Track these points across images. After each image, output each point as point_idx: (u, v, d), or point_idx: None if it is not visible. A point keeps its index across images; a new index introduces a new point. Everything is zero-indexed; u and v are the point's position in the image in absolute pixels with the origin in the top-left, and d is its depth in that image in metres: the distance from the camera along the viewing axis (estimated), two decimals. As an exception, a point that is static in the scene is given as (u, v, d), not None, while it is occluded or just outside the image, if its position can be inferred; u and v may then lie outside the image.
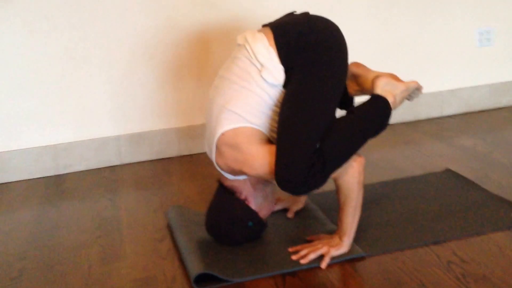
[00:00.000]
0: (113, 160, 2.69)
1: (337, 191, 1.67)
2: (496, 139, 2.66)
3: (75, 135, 2.62)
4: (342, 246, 1.69)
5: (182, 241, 1.80)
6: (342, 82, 1.67)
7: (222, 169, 1.69)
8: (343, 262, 1.67)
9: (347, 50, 1.70)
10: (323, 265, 1.65)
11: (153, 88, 2.68)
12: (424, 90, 3.04)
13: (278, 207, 2.03)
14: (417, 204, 2.01)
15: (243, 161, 1.61)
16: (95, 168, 2.65)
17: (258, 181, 1.75)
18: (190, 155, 2.76)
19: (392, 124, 3.03)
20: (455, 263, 1.61)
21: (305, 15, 1.74)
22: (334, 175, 1.61)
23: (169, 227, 1.97)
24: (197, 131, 2.75)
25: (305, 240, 1.79)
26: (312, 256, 1.67)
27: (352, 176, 1.63)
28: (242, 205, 1.72)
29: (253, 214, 1.73)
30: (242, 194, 1.74)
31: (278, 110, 1.65)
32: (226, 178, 1.74)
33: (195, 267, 1.62)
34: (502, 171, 2.26)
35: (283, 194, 1.95)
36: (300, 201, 2.03)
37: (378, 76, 1.73)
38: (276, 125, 1.64)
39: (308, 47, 1.63)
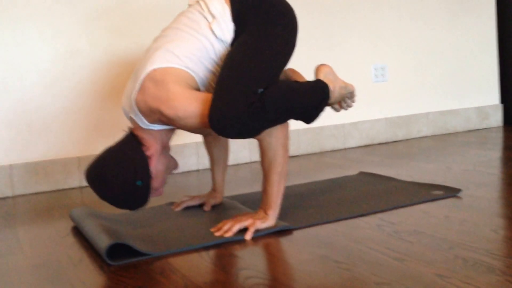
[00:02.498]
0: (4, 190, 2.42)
1: (261, 155, 1.58)
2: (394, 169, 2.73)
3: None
4: (267, 219, 1.57)
5: (89, 227, 1.59)
6: (289, 50, 1.64)
7: (139, 106, 1.53)
8: (269, 234, 1.55)
9: (297, 27, 1.69)
10: (248, 236, 1.51)
11: (52, 116, 2.50)
12: (328, 123, 3.12)
13: (195, 202, 1.89)
14: (337, 193, 1.97)
15: (163, 99, 1.48)
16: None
17: (167, 147, 1.63)
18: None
19: (298, 156, 3.03)
20: (385, 225, 1.56)
21: None
22: (259, 136, 1.53)
23: (74, 222, 1.76)
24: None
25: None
26: (237, 227, 1.54)
27: (276, 138, 1.55)
28: (144, 159, 1.55)
29: (147, 174, 1.55)
30: (149, 150, 1.57)
31: (219, 67, 1.57)
32: (138, 127, 1.59)
33: (107, 241, 1.42)
34: (410, 176, 2.30)
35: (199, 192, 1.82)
36: (218, 196, 1.91)
37: (322, 64, 1.74)
38: (214, 80, 1.57)
39: (262, 7, 1.61)
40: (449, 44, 3.46)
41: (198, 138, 2.81)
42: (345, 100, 1.83)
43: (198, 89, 1.58)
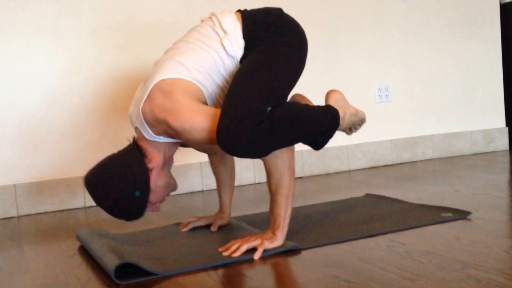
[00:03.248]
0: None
1: (268, 177, 1.57)
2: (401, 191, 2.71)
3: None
4: (275, 239, 1.55)
5: (96, 246, 1.57)
6: (299, 70, 1.64)
7: (145, 116, 1.52)
8: (278, 254, 1.53)
9: (307, 48, 1.70)
10: (257, 255, 1.50)
11: (56, 133, 2.50)
12: (332, 144, 3.11)
13: (201, 222, 1.88)
14: (345, 215, 1.95)
15: (170, 110, 1.47)
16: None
17: (169, 162, 1.63)
18: (97, 206, 2.53)
19: (303, 177, 3.02)
20: (395, 246, 1.54)
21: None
22: (265, 157, 1.52)
23: (81, 242, 1.74)
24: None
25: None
26: (245, 247, 1.52)
27: (282, 160, 1.54)
28: (145, 170, 1.55)
29: (147, 186, 1.55)
30: (151, 162, 1.57)
31: (228, 83, 1.58)
32: (143, 138, 1.58)
33: (115, 261, 1.40)
34: (418, 198, 2.28)
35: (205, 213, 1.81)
36: (225, 217, 1.89)
37: (333, 90, 1.74)
38: (222, 96, 1.58)
39: (274, 27, 1.62)
40: (454, 66, 3.47)
41: (203, 158, 2.80)
42: (355, 126, 1.83)
43: (205, 103, 1.58)
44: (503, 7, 3.63)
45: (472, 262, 1.34)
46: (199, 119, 1.46)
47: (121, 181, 1.51)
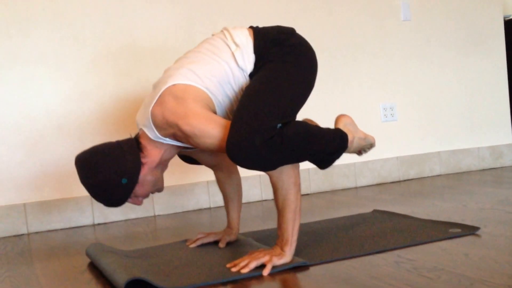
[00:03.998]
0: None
1: (274, 193, 1.58)
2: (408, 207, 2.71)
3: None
4: (284, 255, 1.56)
5: (106, 262, 1.58)
6: (308, 88, 1.66)
7: (154, 118, 1.54)
8: (287, 270, 1.53)
9: (317, 67, 1.72)
10: (266, 272, 1.50)
11: (62, 156, 2.52)
12: (339, 162, 3.10)
13: (209, 239, 1.89)
14: (353, 230, 1.95)
15: (181, 115, 1.49)
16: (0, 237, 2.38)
17: (164, 164, 1.65)
18: (105, 223, 2.55)
19: (309, 194, 3.03)
20: (403, 262, 1.54)
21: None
22: (271, 172, 1.53)
23: (90, 259, 1.75)
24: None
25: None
26: (254, 264, 1.52)
27: (288, 175, 1.55)
28: (137, 161, 1.57)
29: (135, 176, 1.56)
30: (146, 158, 1.59)
31: (237, 95, 1.61)
32: (146, 136, 1.60)
33: (125, 277, 1.40)
34: (425, 214, 2.28)
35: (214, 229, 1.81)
36: (233, 233, 1.90)
37: (342, 114, 1.77)
38: (230, 108, 1.61)
39: (284, 45, 1.64)
40: (459, 83, 3.48)
41: (209, 177, 2.81)
42: (364, 150, 1.85)
43: (214, 112, 1.60)
44: (507, 23, 3.65)
45: (481, 278, 1.33)
46: (210, 126, 1.48)
47: (111, 164, 1.53)
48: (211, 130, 1.48)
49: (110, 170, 1.53)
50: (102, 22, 2.61)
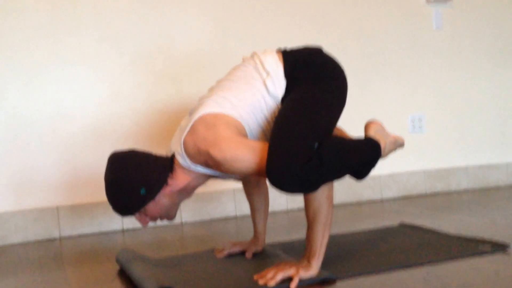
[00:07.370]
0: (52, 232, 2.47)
1: (306, 205, 1.58)
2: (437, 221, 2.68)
3: (12, 205, 2.44)
4: (311, 268, 1.56)
5: (136, 271, 1.61)
6: (340, 107, 1.68)
7: (186, 147, 1.57)
8: (313, 284, 1.53)
9: (347, 86, 1.73)
10: (293, 285, 1.50)
11: (96, 159, 2.57)
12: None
13: (236, 249, 1.90)
14: (380, 244, 1.94)
15: (212, 142, 1.50)
16: (33, 240, 2.42)
17: (189, 192, 1.67)
18: (134, 230, 2.58)
19: (334, 205, 3.02)
20: (432, 279, 1.53)
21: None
22: None
23: (121, 266, 1.77)
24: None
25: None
26: (280, 276, 1.52)
27: (322, 189, 1.55)
28: (163, 179, 1.59)
29: (154, 191, 1.58)
30: (172, 180, 1.61)
31: (269, 122, 1.63)
32: (178, 161, 1.62)
33: (155, 285, 1.43)
34: (453, 229, 2.26)
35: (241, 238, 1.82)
36: (259, 244, 1.91)
37: (371, 121, 1.78)
38: (262, 136, 1.62)
39: (314, 66, 1.66)
40: (490, 96, 3.44)
41: (236, 185, 2.83)
42: (394, 150, 1.85)
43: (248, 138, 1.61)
44: (540, 38, 3.60)
45: (512, 298, 1.32)
46: (241, 151, 1.49)
47: (139, 170, 1.57)
48: (242, 154, 1.49)
49: (134, 174, 1.57)
50: (140, 25, 2.65)
